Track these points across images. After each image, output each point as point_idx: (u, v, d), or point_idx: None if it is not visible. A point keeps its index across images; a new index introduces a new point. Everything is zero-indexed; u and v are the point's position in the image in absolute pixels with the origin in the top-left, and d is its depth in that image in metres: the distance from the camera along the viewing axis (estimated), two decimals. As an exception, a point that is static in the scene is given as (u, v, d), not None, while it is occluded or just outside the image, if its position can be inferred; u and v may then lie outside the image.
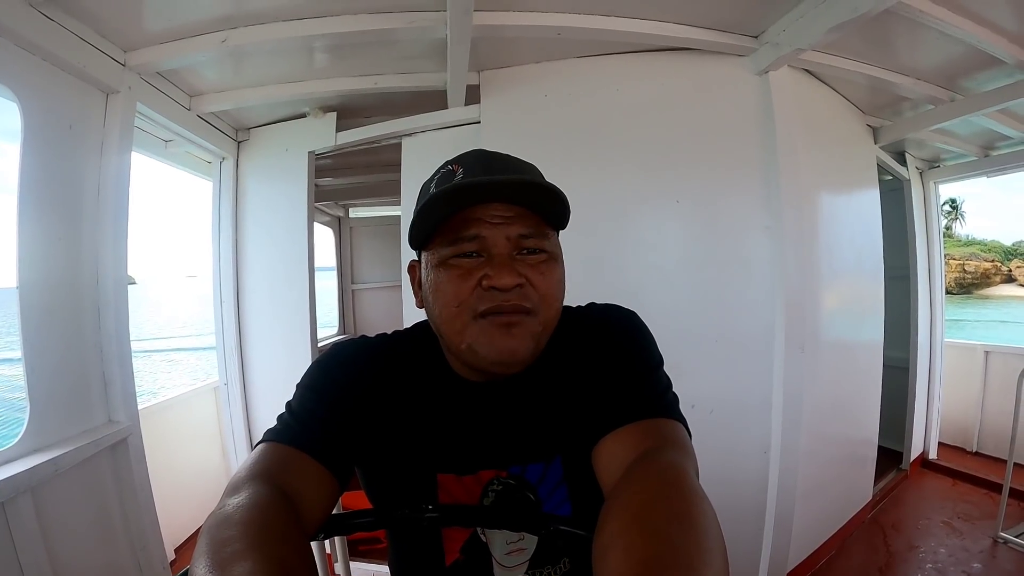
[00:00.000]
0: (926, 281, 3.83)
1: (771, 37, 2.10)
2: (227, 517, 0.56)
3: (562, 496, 0.82)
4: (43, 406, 1.67)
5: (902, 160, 3.68)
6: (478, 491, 0.82)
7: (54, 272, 1.73)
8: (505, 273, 0.70)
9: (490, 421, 0.82)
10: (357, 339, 0.88)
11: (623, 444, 0.69)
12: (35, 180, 1.65)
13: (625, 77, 2.27)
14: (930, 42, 2.17)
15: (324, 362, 0.83)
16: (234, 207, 2.83)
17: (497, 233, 0.72)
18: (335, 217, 5.51)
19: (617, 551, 0.49)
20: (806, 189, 2.35)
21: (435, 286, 0.75)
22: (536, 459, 0.82)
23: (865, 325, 3.02)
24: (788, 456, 2.27)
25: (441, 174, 0.77)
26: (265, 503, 0.59)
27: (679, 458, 0.64)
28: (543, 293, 0.74)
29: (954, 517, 3.19)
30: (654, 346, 0.83)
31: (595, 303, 0.90)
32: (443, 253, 0.74)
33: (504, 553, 0.83)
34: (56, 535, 1.63)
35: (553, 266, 0.76)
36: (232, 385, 2.89)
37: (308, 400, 0.78)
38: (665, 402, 0.75)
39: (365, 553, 2.70)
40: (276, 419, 0.77)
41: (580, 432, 0.78)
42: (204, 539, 0.53)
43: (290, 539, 0.56)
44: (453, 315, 0.73)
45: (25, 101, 1.59)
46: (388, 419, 0.81)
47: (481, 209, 0.72)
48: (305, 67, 2.28)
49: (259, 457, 0.70)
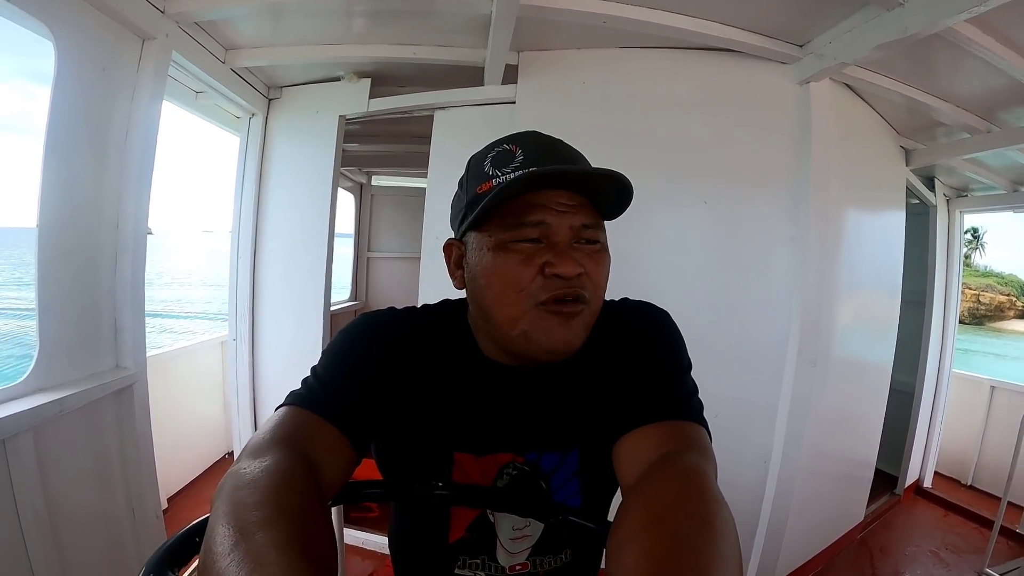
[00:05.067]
0: (941, 309, 3.80)
1: (816, 48, 2.07)
2: (252, 481, 0.55)
3: (574, 488, 0.82)
4: (52, 346, 1.66)
5: (931, 185, 3.64)
6: (493, 473, 0.82)
7: (75, 214, 1.71)
8: (569, 262, 0.70)
9: (512, 405, 0.82)
10: (386, 310, 0.87)
11: (647, 442, 0.69)
12: (64, 121, 1.63)
13: (665, 72, 2.24)
14: (973, 70, 2.14)
15: (352, 330, 0.81)
16: (259, 165, 2.82)
17: (562, 221, 0.71)
18: (357, 183, 5.48)
19: (634, 549, 0.49)
20: (834, 204, 2.33)
21: (491, 269, 0.73)
22: (554, 448, 0.82)
23: (876, 346, 3.01)
24: (787, 468, 2.27)
25: (497, 152, 0.76)
26: (291, 470, 0.58)
27: (702, 463, 0.64)
28: (596, 282, 0.74)
29: (942, 547, 3.20)
30: (684, 349, 0.83)
31: (629, 299, 0.89)
32: (501, 236, 0.72)
33: (509, 538, 0.83)
34: (54, 476, 1.62)
35: (605, 256, 0.76)
36: (241, 342, 2.89)
37: (333, 367, 0.77)
38: (692, 406, 0.75)
39: (356, 520, 2.73)
40: (300, 382, 0.76)
41: (601, 427, 0.78)
42: (226, 501, 0.52)
43: (313, 509, 0.55)
44: (512, 300, 0.72)
45: (61, 40, 1.56)
46: (410, 393, 0.80)
47: (547, 195, 0.71)
48: (343, 30, 2.25)
49: (281, 421, 0.69)
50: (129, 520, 1.96)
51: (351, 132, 2.93)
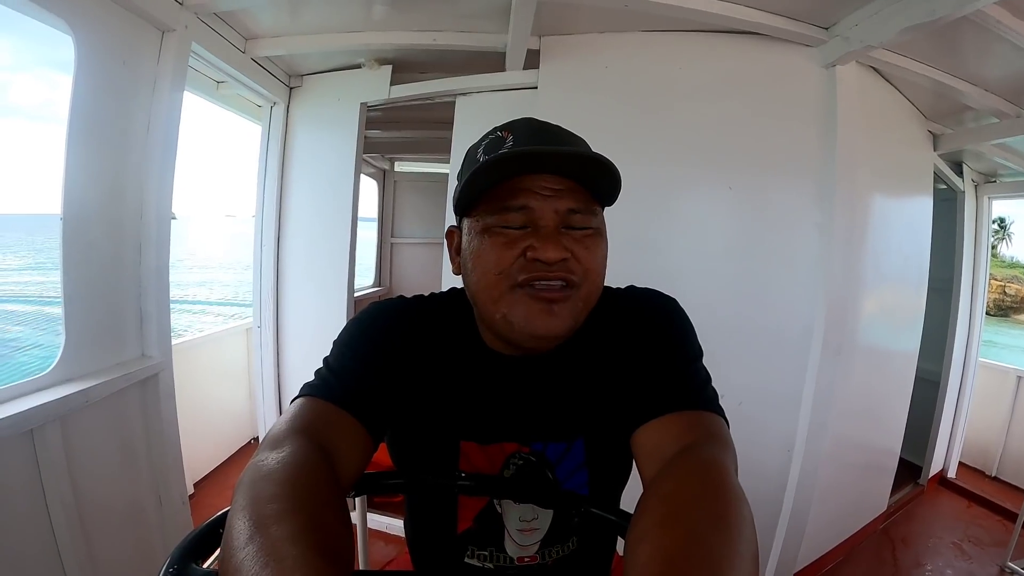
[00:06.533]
0: (968, 297, 3.73)
1: (842, 31, 2.02)
2: (269, 473, 0.55)
3: (582, 479, 0.82)
4: (78, 337, 1.67)
5: (959, 171, 3.56)
6: (499, 462, 0.82)
7: (99, 204, 1.72)
8: (551, 246, 0.68)
9: (517, 395, 0.82)
10: (395, 299, 0.87)
11: (666, 435, 0.68)
12: (85, 114, 1.64)
13: (688, 56, 2.20)
14: (1002, 54, 2.07)
15: (361, 320, 0.82)
16: (282, 153, 2.83)
17: (546, 205, 0.70)
18: (380, 170, 5.49)
19: (648, 545, 0.48)
20: (861, 189, 2.29)
21: (476, 252, 0.73)
22: (558, 438, 0.82)
23: (903, 334, 2.97)
24: (811, 457, 2.25)
25: (490, 140, 0.76)
26: (307, 461, 0.59)
27: (722, 456, 0.63)
28: (587, 268, 0.72)
29: (965, 539, 3.16)
30: (695, 337, 0.81)
31: (635, 286, 0.88)
32: (487, 221, 0.72)
33: (517, 529, 0.83)
34: (81, 465, 1.64)
35: (598, 241, 0.74)
36: (265, 329, 2.91)
37: (345, 357, 0.77)
38: (708, 394, 0.74)
39: (380, 506, 2.76)
40: (313, 374, 0.77)
41: (607, 416, 0.78)
42: (245, 493, 0.53)
43: (330, 500, 0.55)
44: (492, 283, 0.72)
45: (79, 34, 1.57)
46: (417, 381, 0.81)
47: (531, 179, 0.70)
48: (363, 18, 2.25)
49: (299, 411, 0.69)
50: (155, 507, 1.99)
51: (373, 119, 2.93)
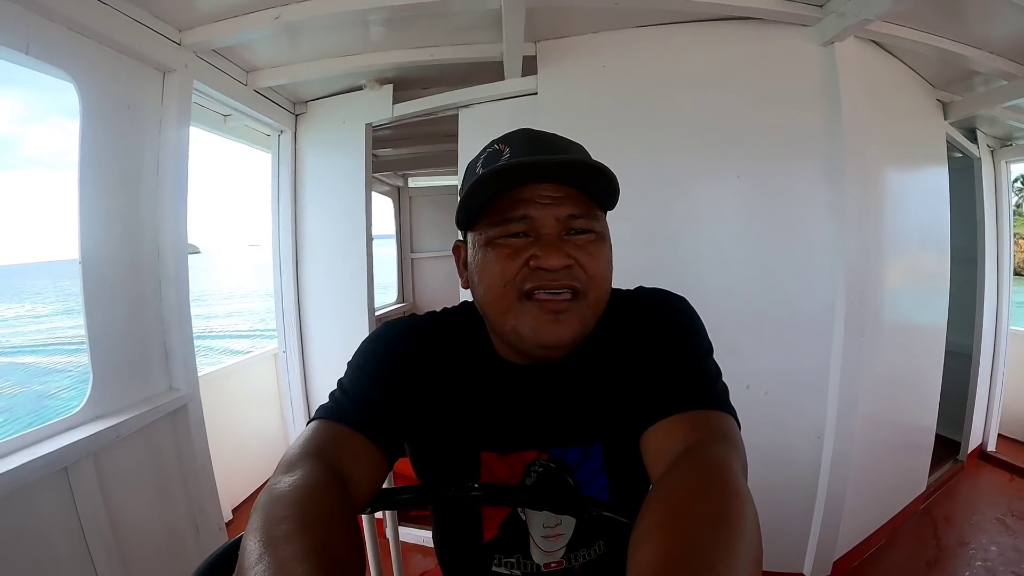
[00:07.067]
0: (994, 265, 3.62)
1: (836, 6, 1.99)
2: (281, 496, 0.57)
3: (602, 483, 0.82)
4: (105, 375, 1.72)
5: (973, 137, 3.47)
6: (520, 471, 0.82)
7: (115, 246, 1.77)
8: (553, 254, 0.70)
9: (533, 403, 0.82)
10: (405, 318, 0.89)
11: (671, 435, 0.68)
12: (94, 159, 1.68)
13: (685, 48, 2.20)
14: (1005, 15, 2.04)
15: (373, 340, 0.85)
16: (293, 179, 2.88)
17: (546, 214, 0.71)
18: (394, 187, 5.54)
19: (647, 546, 0.49)
20: (871, 165, 2.25)
21: (481, 265, 0.74)
22: (576, 443, 0.82)
23: (928, 308, 2.90)
24: (842, 441, 2.21)
25: (487, 153, 0.77)
26: (317, 483, 0.60)
27: (726, 454, 0.62)
28: (591, 274, 0.73)
29: (1008, 514, 3.05)
30: (704, 333, 0.81)
31: (643, 287, 0.89)
32: (490, 233, 0.73)
33: (542, 535, 0.83)
34: (116, 498, 1.69)
35: (601, 246, 0.75)
36: (291, 353, 2.97)
37: (358, 379, 0.79)
38: (715, 392, 0.74)
39: (415, 519, 2.76)
40: (328, 396, 0.79)
41: (623, 419, 0.78)
42: (259, 515, 0.55)
43: (339, 521, 0.57)
44: (499, 295, 0.73)
45: (82, 83, 1.62)
46: (434, 396, 0.82)
47: (530, 189, 0.71)
48: (360, 40, 2.28)
49: (312, 435, 0.71)
50: (193, 534, 2.03)
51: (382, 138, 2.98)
